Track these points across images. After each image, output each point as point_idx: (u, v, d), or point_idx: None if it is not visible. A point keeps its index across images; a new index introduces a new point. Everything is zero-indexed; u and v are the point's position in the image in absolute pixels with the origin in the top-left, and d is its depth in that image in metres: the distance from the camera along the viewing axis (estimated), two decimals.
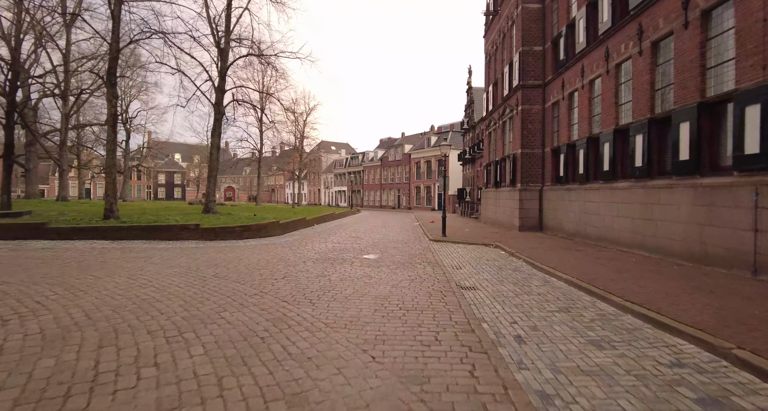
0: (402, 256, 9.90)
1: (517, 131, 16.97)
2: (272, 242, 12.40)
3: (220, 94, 19.29)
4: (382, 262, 8.97)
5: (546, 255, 9.77)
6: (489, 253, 10.84)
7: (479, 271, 8.15)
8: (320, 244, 12.26)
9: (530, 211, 16.38)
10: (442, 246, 12.48)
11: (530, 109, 16.57)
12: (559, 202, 14.68)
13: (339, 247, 11.36)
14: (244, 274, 7.24)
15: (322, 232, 16.43)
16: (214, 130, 19.23)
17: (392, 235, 15.75)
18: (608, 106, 11.42)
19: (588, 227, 12.38)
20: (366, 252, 10.55)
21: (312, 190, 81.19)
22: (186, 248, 10.55)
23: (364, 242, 12.98)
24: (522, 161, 16.55)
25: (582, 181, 12.85)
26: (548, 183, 15.91)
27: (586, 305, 5.61)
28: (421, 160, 51.12)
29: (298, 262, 8.65)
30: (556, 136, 15.51)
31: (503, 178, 19.12)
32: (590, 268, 7.91)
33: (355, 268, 8.00)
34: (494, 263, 9.21)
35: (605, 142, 11.43)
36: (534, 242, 12.54)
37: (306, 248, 11.01)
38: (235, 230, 12.60)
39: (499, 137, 20.12)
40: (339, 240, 13.53)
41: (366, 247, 11.73)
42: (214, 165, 19.28)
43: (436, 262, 9.11)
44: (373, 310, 5.13)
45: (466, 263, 9.18)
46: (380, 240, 13.85)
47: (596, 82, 12.38)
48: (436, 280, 7.05)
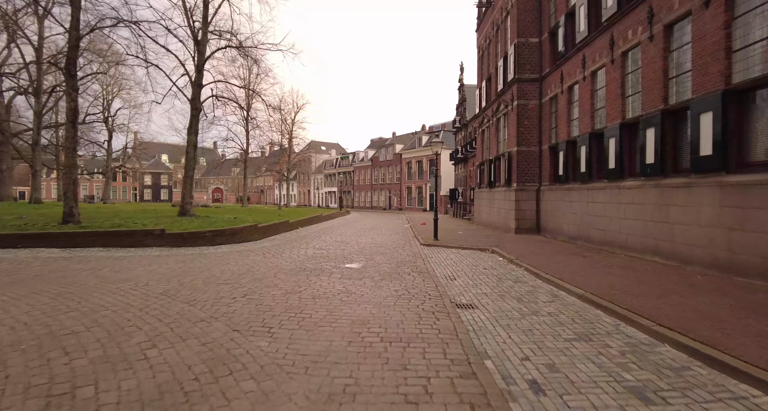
0: (389, 265, 8.83)
1: (513, 128, 16.02)
2: (247, 248, 11.25)
3: (197, 89, 18.06)
4: (366, 272, 7.89)
5: (549, 262, 8.77)
6: (486, 260, 9.82)
7: (476, 283, 7.11)
8: (300, 250, 11.14)
9: (527, 212, 15.42)
10: (434, 251, 11.44)
11: (526, 104, 15.63)
12: (558, 203, 13.74)
13: (320, 254, 10.26)
14: (200, 290, 6.11)
15: (305, 237, 15.30)
16: (190, 127, 17.98)
17: (381, 239, 14.68)
18: (613, 99, 10.49)
19: (591, 230, 11.43)
20: (350, 260, 9.46)
21: (302, 191, 79.82)
22: (146, 257, 9.36)
23: (350, 248, 11.89)
24: (518, 160, 15.60)
25: (584, 180, 11.91)
26: (546, 182, 14.97)
27: (609, 330, 4.59)
28: (413, 160, 50.16)
29: (268, 273, 7.52)
30: (555, 132, 14.58)
31: (498, 178, 18.17)
32: (603, 278, 6.91)
33: (334, 282, 6.91)
34: (492, 272, 8.18)
35: (610, 137, 10.48)
36: (534, 247, 11.56)
37: (283, 256, 9.89)
38: (205, 235, 11.43)
39: (492, 135, 19.17)
40: (322, 245, 12.42)
41: (351, 253, 10.64)
42: (190, 165, 18.04)
43: (427, 272, 8.06)
44: (347, 341, 4.06)
45: (461, 273, 8.14)
46: (367, 245, 12.77)
47: (599, 73, 11.45)
48: (426, 296, 5.99)
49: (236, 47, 18.11)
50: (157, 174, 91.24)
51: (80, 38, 13.03)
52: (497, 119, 18.44)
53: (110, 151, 50.08)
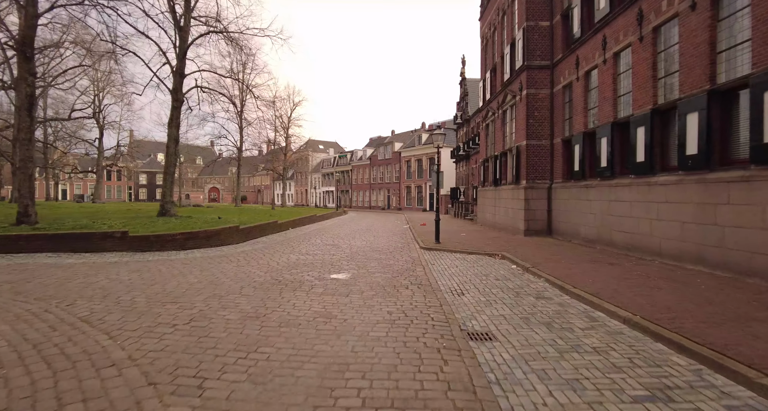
0: (384, 274, 7.45)
1: (522, 120, 14.65)
2: (222, 254, 9.87)
3: (178, 79, 16.66)
4: (356, 285, 6.51)
5: (573, 271, 7.41)
6: (496, 268, 8.44)
7: (490, 301, 5.74)
8: (283, 256, 9.76)
9: (537, 212, 14.05)
10: (435, 256, 10.07)
11: (536, 93, 14.26)
12: (573, 202, 12.37)
13: (305, 261, 8.87)
14: (136, 313, 4.73)
15: (293, 239, 13.92)
16: (171, 120, 16.59)
17: (377, 242, 13.30)
18: (642, 82, 9.12)
19: (614, 232, 10.07)
20: (338, 268, 8.08)
21: (299, 191, 78.44)
22: (97, 265, 7.97)
23: (340, 253, 10.51)
24: (528, 155, 14.22)
25: (605, 176, 10.55)
26: (559, 179, 13.60)
27: (691, 380, 3.22)
28: (412, 159, 48.78)
29: (233, 288, 6.14)
30: (568, 124, 13.21)
31: (504, 175, 16.81)
32: (648, 294, 5.54)
33: (313, 300, 5.53)
34: (507, 284, 6.81)
35: (639, 126, 9.12)
36: (548, 251, 10.20)
37: (259, 263, 8.50)
38: (175, 238, 10.05)
39: (498, 129, 17.80)
40: (309, 250, 11.03)
41: (340, 260, 9.26)
42: (171, 160, 16.65)
43: (429, 284, 6.69)
44: (312, 407, 2.68)
45: (470, 285, 6.77)
46: (361, 249, 11.39)
47: (624, 54, 10.08)
48: (429, 322, 4.62)
49: (220, 32, 16.71)
50: (153, 173, 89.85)
51: (38, 16, 11.62)
52: (503, 112, 17.07)
53: (101, 149, 48.63)
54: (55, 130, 43.12)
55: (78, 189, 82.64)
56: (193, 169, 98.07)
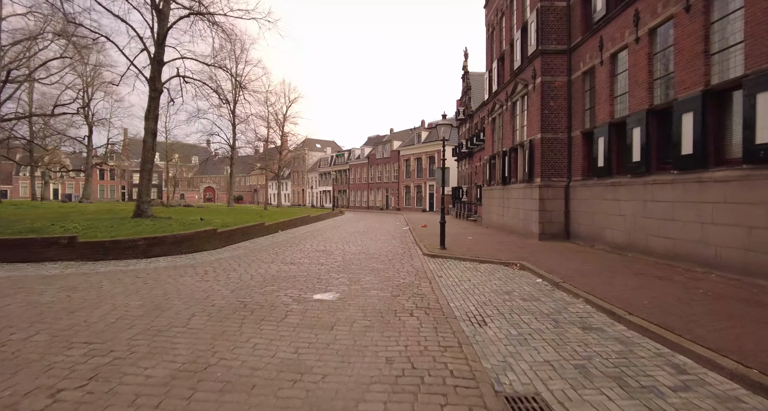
0: (381, 293, 5.96)
1: (535, 111, 13.18)
2: (192, 262, 8.37)
3: (156, 67, 15.13)
4: (344, 310, 5.02)
5: (615, 288, 5.94)
6: (518, 282, 6.97)
7: (524, 335, 4.26)
8: (262, 265, 8.26)
9: (553, 213, 12.59)
10: (442, 266, 8.59)
11: (552, 81, 12.79)
12: (596, 203, 10.90)
13: (286, 274, 7.37)
14: (12, 365, 3.23)
15: (280, 244, 12.42)
16: (148, 111, 15.05)
17: (374, 247, 11.81)
18: (690, 59, 7.65)
19: (651, 238, 8.60)
20: (325, 283, 6.59)
21: (296, 191, 76.91)
22: (24, 280, 6.45)
23: (331, 261, 9.02)
24: (542, 149, 12.76)
25: (639, 172, 9.09)
26: (578, 177, 12.14)
27: None
28: (411, 158, 47.30)
29: (180, 316, 4.63)
30: (590, 114, 11.75)
31: (514, 173, 15.34)
32: (743, 327, 4.07)
33: (282, 337, 4.04)
34: (539, 308, 5.33)
35: (685, 112, 7.65)
36: (574, 260, 8.73)
37: (229, 277, 6.99)
38: (137, 245, 8.54)
39: (507, 122, 16.33)
40: (295, 257, 9.54)
41: (329, 271, 7.76)
42: (147, 156, 15.12)
43: (439, 308, 5.21)
44: None
45: (491, 308, 5.29)
46: (355, 256, 9.90)
47: (663, 29, 8.63)
48: (447, 379, 3.14)
49: (202, 14, 15.18)
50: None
51: None
52: (513, 103, 15.60)
53: (91, 148, 46.97)
54: (43, 127, 41.54)
55: (70, 188, 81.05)
56: (189, 168, 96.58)
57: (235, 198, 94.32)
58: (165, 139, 37.22)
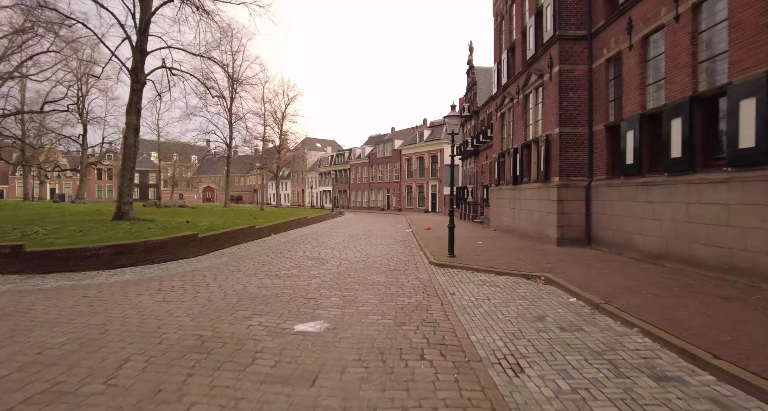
0: (383, 319, 4.76)
1: (552, 103, 11.96)
2: (161, 275, 7.18)
3: (139, 57, 13.95)
4: (333, 350, 3.81)
5: (673, 311, 4.74)
6: (547, 301, 5.76)
7: (577, 388, 3.06)
8: (241, 279, 7.06)
9: (573, 216, 11.37)
10: (453, 279, 7.38)
11: (572, 70, 11.57)
12: (624, 204, 9.68)
13: (267, 291, 6.16)
14: None
15: (270, 250, 11.22)
16: (129, 104, 13.87)
17: (374, 254, 10.61)
18: (750, 34, 6.43)
19: (697, 246, 7.38)
20: (313, 305, 5.39)
21: (296, 191, 75.77)
22: None
23: (325, 272, 7.82)
24: (561, 145, 11.54)
25: (679, 169, 7.87)
26: (601, 175, 10.92)
27: None
28: (413, 157, 46.08)
29: (108, 362, 3.42)
30: (616, 105, 10.53)
31: (526, 172, 14.12)
32: None
33: (242, 396, 2.84)
34: (585, 342, 4.13)
35: (744, 97, 6.43)
36: (606, 271, 7.51)
37: (197, 295, 5.78)
38: (99, 253, 7.35)
39: (518, 117, 15.12)
40: (283, 268, 8.33)
41: (321, 286, 6.56)
42: (129, 154, 13.93)
43: (458, 344, 4.01)
44: None
45: (524, 343, 4.09)
46: (352, 265, 8.70)
47: (709, 3, 7.40)
48: None
49: None
50: (145, 172, 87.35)
51: None
52: (525, 96, 14.38)
53: (85, 146, 45.78)
54: (37, 126, 40.48)
55: (68, 188, 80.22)
56: (188, 168, 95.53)
57: (235, 198, 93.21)
58: (158, 137, 36.00)
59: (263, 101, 38.86)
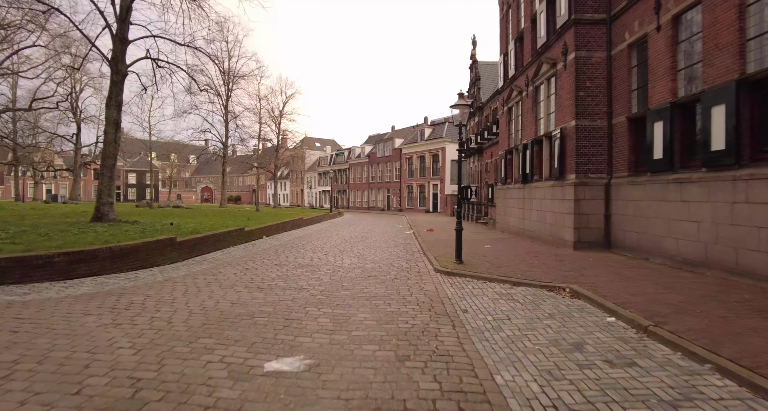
0: (379, 353, 3.75)
1: (567, 94, 10.96)
2: (122, 287, 6.18)
3: (119, 46, 12.95)
4: (312, 402, 2.80)
5: (749, 339, 3.73)
6: (580, 321, 4.75)
7: None
8: (216, 292, 6.05)
9: (592, 217, 10.36)
10: (463, 290, 6.37)
11: (589, 57, 10.57)
12: (652, 204, 8.67)
13: (239, 311, 5.13)
14: None
15: (257, 255, 10.22)
16: (109, 98, 12.89)
17: (373, 259, 9.61)
18: None
19: (747, 253, 6.36)
20: (292, 331, 4.38)
21: (295, 191, 74.77)
22: None
23: (313, 284, 6.81)
24: (577, 139, 10.54)
25: (722, 164, 6.86)
26: (622, 172, 9.92)
27: None
28: (414, 156, 45.07)
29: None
30: (640, 94, 9.52)
31: (537, 169, 13.12)
32: None
33: None
34: (645, 384, 3.12)
35: None
36: (640, 281, 6.50)
37: (156, 315, 4.78)
38: (53, 262, 6.35)
39: (527, 111, 14.11)
40: (267, 277, 7.33)
41: (307, 303, 5.56)
42: (109, 150, 12.94)
43: (481, 390, 3.00)
44: None
45: (566, 386, 3.08)
46: (347, 274, 7.70)
47: None
48: None
49: None
50: (142, 172, 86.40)
51: None
52: (536, 87, 13.37)
53: (79, 146, 44.75)
54: (31, 124, 39.57)
55: (64, 189, 79.31)
56: (186, 168, 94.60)
57: (233, 198, 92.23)
58: (149, 136, 35.03)
59: (258, 97, 37.85)
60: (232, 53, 38.44)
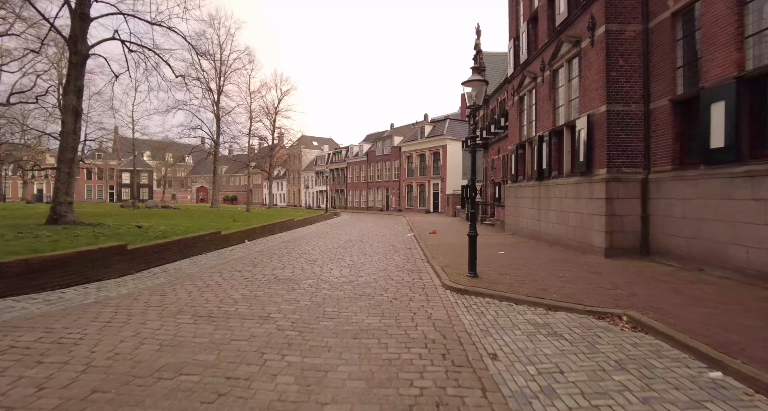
0: None
1: (596, 75, 9.38)
2: (30, 314, 4.58)
3: (78, 23, 11.33)
4: None
5: None
6: (664, 374, 3.16)
7: None
8: (149, 325, 4.47)
9: (626, 219, 8.78)
10: (484, 318, 4.78)
11: (622, 31, 8.99)
12: (710, 204, 7.09)
13: (162, 361, 3.53)
14: None
15: (229, 265, 8.62)
16: (67, 83, 11.27)
17: (367, 270, 8.01)
18: None
19: None
20: (231, 406, 2.77)
21: (292, 191, 73.10)
22: None
23: (287, 309, 5.23)
24: (609, 127, 8.95)
25: None
26: (665, 165, 8.34)
27: None
28: (414, 154, 43.44)
29: None
30: (688, 72, 7.93)
31: (556, 164, 11.54)
32: None
33: None
34: None
35: None
36: (720, 304, 4.91)
37: (34, 372, 3.18)
38: None
39: (543, 99, 12.51)
40: (227, 299, 5.73)
41: (266, 343, 3.98)
42: (67, 142, 11.32)
43: None
44: None
45: None
46: (334, 291, 6.11)
47: None
48: None
49: None
50: (137, 172, 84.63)
51: None
52: (554, 71, 11.78)
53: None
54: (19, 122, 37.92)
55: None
56: (183, 168, 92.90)
57: (229, 198, 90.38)
58: (132, 132, 33.42)
59: (249, 90, 36.26)
60: (224, 47, 36.94)
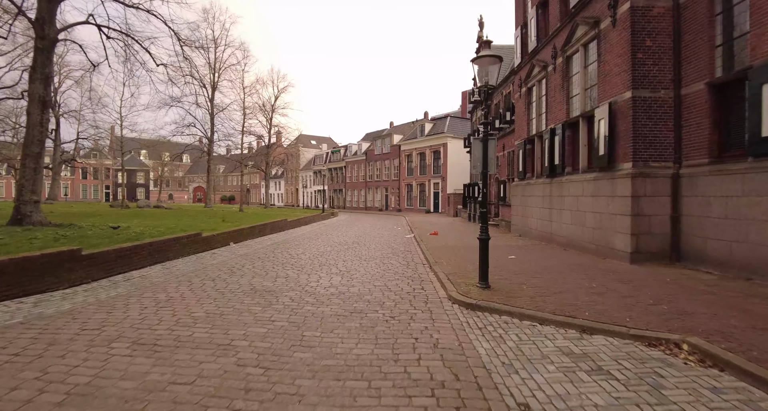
0: None
1: (619, 57, 8.36)
2: None
3: (45, 4, 10.30)
4: None
5: None
6: None
7: None
8: (69, 359, 3.46)
9: (654, 220, 7.77)
10: (505, 345, 3.77)
11: (650, 7, 7.98)
12: (758, 202, 6.09)
13: None
14: None
15: (206, 270, 7.60)
16: (33, 69, 10.24)
17: (361, 278, 6.99)
18: None
19: None
20: None
21: (289, 190, 72.04)
22: None
23: (255, 334, 4.23)
24: (634, 116, 7.94)
25: None
26: (700, 158, 7.33)
27: None
28: (413, 152, 42.41)
29: None
30: (726, 52, 6.93)
31: (570, 159, 10.53)
32: None
33: None
34: None
35: None
36: None
37: None
38: None
39: (555, 88, 11.50)
40: (188, 317, 4.72)
41: (213, 395, 2.96)
42: (33, 135, 10.28)
43: None
44: None
45: None
46: (319, 306, 5.10)
47: None
48: None
49: None
50: (133, 171, 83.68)
51: None
52: (567, 57, 10.77)
53: (58, 142, 41.94)
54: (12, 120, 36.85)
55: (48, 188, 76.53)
56: (180, 168, 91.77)
57: (227, 198, 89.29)
58: (121, 129, 32.37)
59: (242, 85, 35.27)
60: (219, 42, 35.92)
